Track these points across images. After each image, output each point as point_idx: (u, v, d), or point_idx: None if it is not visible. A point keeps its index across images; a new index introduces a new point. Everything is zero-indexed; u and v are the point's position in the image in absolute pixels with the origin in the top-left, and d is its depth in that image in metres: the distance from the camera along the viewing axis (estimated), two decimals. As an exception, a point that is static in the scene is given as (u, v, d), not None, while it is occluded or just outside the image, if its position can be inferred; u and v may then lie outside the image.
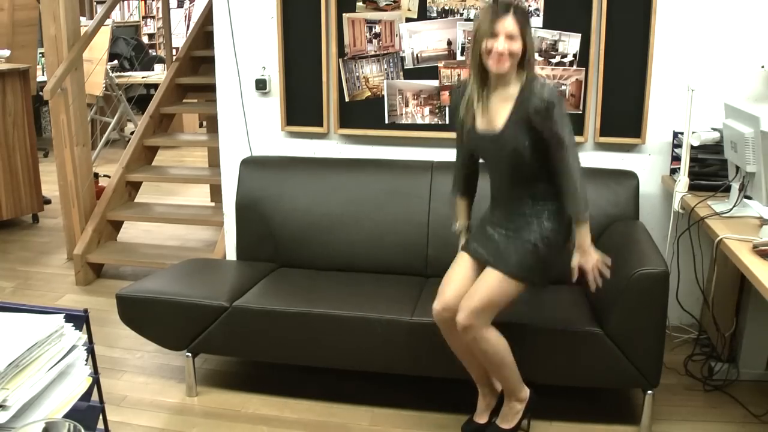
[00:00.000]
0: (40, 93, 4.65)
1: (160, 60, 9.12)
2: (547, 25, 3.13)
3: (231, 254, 3.65)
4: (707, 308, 3.02)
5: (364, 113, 3.40)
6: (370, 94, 3.37)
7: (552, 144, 2.20)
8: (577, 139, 3.19)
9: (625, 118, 3.17)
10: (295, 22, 3.38)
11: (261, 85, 3.49)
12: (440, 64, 3.28)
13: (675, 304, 3.03)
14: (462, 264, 2.41)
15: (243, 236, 3.30)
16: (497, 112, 2.25)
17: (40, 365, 1.33)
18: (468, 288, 2.32)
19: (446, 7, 3.21)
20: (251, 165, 3.36)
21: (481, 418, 2.52)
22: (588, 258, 2.27)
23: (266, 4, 3.40)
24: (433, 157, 3.32)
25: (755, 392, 2.79)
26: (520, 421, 2.47)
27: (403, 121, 3.38)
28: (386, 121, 3.39)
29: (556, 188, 2.27)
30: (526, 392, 2.46)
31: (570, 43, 3.13)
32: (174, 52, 5.43)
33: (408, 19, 3.26)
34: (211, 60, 3.77)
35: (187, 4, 10.23)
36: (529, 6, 3.12)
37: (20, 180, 4.90)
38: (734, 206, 2.64)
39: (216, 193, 4.62)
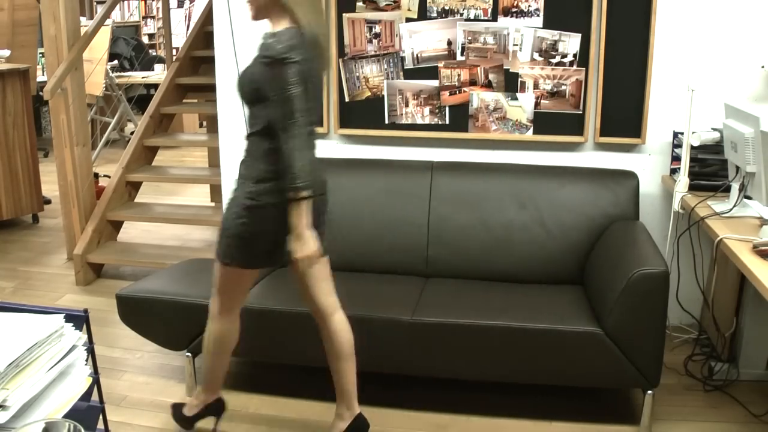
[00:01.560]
0: (40, 93, 4.64)
1: (160, 60, 9.12)
2: (547, 25, 3.13)
3: (231, 254, 3.64)
4: (707, 308, 3.02)
5: (364, 113, 3.40)
6: (370, 94, 3.37)
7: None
8: (578, 139, 3.21)
9: (625, 118, 3.17)
10: (295, 22, 3.37)
11: (261, 85, 3.49)
12: (440, 65, 3.27)
13: (675, 304, 3.03)
14: None
15: (243, 236, 3.29)
16: None
17: (40, 365, 1.33)
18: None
19: (446, 7, 3.21)
20: (251, 165, 3.35)
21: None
22: (300, 245, 2.06)
23: (266, 4, 3.40)
24: (433, 157, 3.32)
25: (755, 392, 2.79)
26: (194, 419, 2.51)
27: (403, 121, 3.37)
28: (386, 121, 3.39)
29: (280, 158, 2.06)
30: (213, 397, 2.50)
31: (570, 43, 3.13)
32: (174, 52, 5.44)
33: (408, 19, 3.26)
34: (211, 60, 3.77)
35: (187, 4, 10.23)
36: (529, 6, 3.12)
37: (20, 180, 4.90)
38: (734, 206, 2.64)
39: (216, 193, 4.62)
